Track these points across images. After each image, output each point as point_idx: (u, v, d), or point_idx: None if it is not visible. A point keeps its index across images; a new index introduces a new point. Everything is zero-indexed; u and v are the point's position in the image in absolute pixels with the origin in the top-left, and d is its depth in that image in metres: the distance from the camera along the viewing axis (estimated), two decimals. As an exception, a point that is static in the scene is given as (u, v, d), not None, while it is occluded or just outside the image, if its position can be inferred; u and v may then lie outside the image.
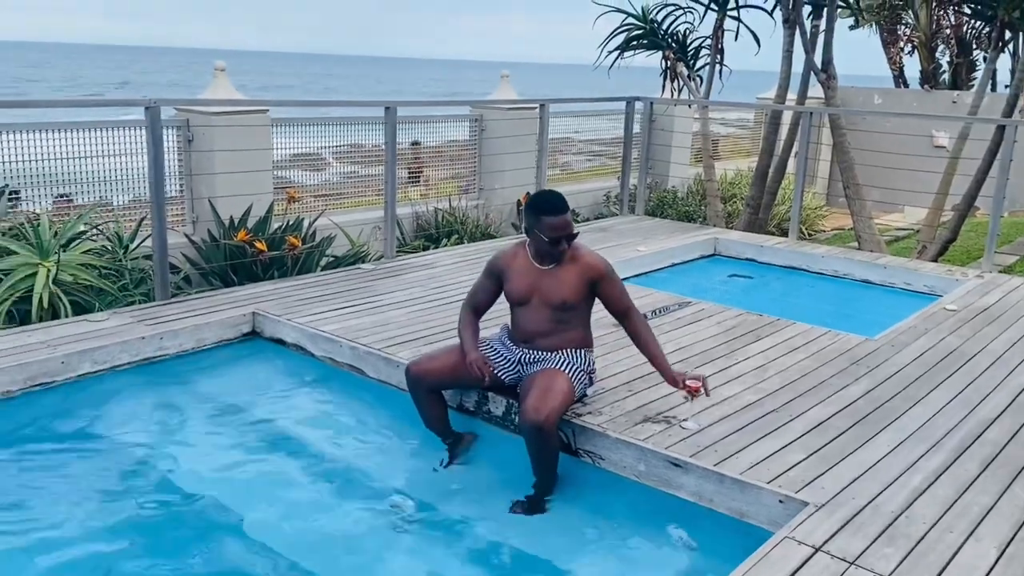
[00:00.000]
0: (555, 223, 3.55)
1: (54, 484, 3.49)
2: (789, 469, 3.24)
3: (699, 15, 8.69)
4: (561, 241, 3.57)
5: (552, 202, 3.60)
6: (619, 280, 3.73)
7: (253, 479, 3.64)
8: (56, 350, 4.17)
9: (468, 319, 3.80)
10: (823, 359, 4.51)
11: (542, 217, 3.56)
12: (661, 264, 6.94)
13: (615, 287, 3.68)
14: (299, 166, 7.83)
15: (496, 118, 8.69)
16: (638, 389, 3.97)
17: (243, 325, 4.87)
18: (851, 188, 8.12)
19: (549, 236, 3.55)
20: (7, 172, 5.66)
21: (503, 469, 3.66)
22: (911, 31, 15.23)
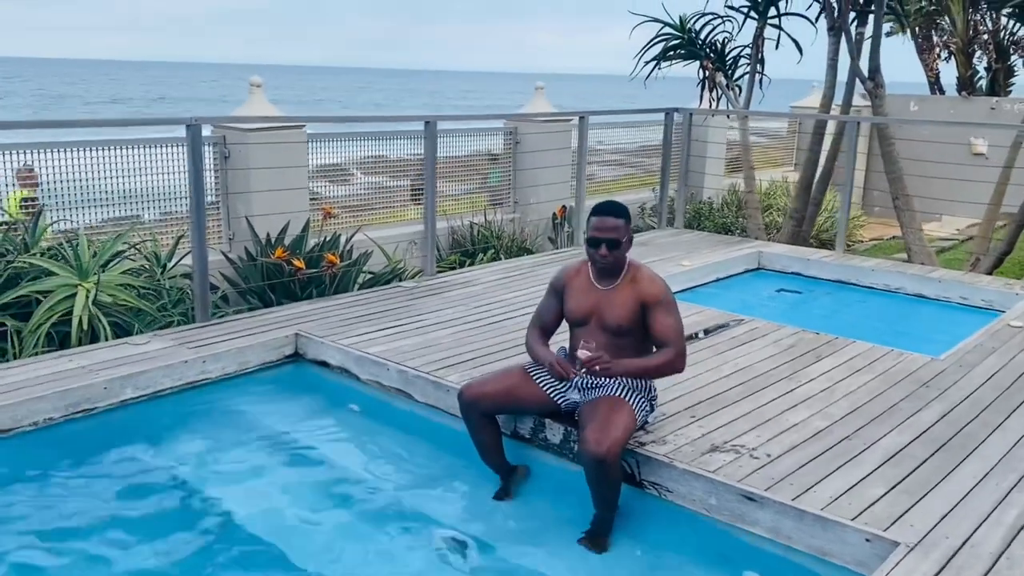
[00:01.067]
0: (597, 224, 3.45)
1: (97, 513, 3.37)
2: (873, 504, 3.05)
3: (738, 24, 8.52)
4: (600, 244, 3.41)
5: (601, 205, 3.51)
6: (675, 312, 3.48)
7: (298, 510, 3.50)
8: (98, 375, 4.07)
9: (536, 336, 3.66)
10: (890, 381, 4.31)
11: (591, 219, 3.49)
12: (706, 279, 6.76)
13: (665, 316, 3.44)
14: (334, 181, 7.72)
15: (531, 131, 8.55)
16: (701, 415, 3.79)
17: (286, 347, 4.75)
18: (901, 199, 7.89)
19: (589, 236, 3.44)
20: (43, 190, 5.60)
21: (561, 502, 3.50)
22: (947, 37, 14.94)
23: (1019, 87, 15.26)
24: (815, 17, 8.22)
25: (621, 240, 3.43)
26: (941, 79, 15.69)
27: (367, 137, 7.48)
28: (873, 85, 8.00)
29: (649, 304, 3.43)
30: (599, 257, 3.45)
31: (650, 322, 3.45)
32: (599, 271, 3.51)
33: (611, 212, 3.46)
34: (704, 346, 4.77)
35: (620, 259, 3.48)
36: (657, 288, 3.47)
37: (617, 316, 3.44)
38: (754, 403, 3.96)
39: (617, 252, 3.44)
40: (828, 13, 8.05)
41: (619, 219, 3.44)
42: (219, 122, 6.45)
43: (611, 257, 3.43)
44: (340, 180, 7.74)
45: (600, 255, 3.44)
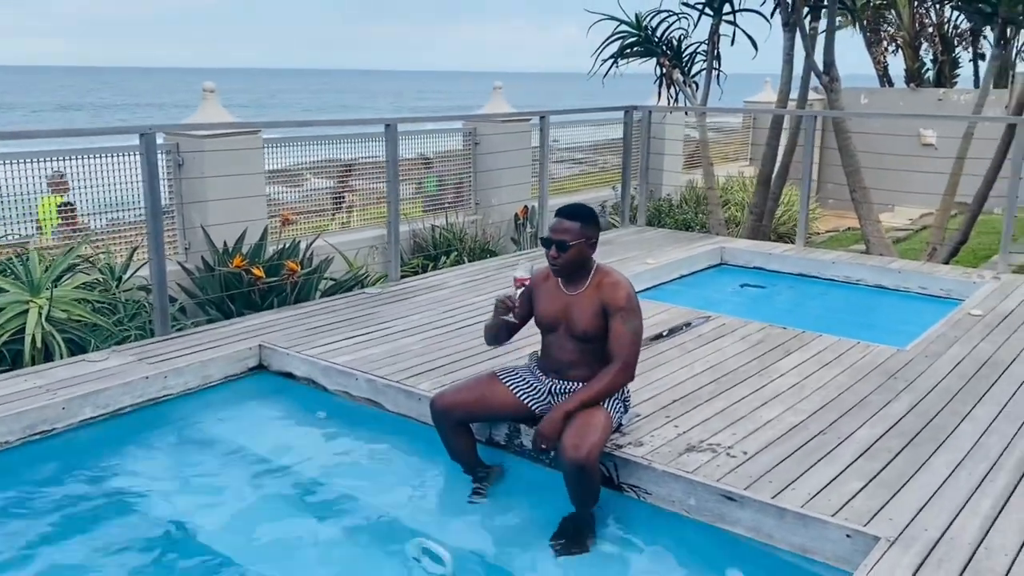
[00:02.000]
0: (551, 224, 3.46)
1: (60, 538, 3.24)
2: (851, 499, 3.06)
3: (694, 21, 8.56)
4: (550, 244, 3.38)
5: (562, 207, 3.49)
6: (632, 320, 3.36)
7: (268, 525, 3.41)
8: (55, 395, 3.92)
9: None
10: (859, 373, 4.34)
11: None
12: (670, 276, 6.77)
13: (620, 324, 3.33)
14: (296, 186, 7.58)
15: (491, 132, 8.50)
16: (675, 415, 3.78)
17: (249, 359, 4.63)
18: (858, 191, 8.00)
19: (542, 237, 3.44)
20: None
21: (538, 505, 3.45)
22: (895, 30, 15.25)
23: (964, 78, 15.62)
24: (769, 13, 8.30)
25: (568, 243, 3.36)
26: (890, 71, 16.00)
27: (326, 141, 7.36)
28: (828, 79, 8.10)
29: (610, 310, 3.36)
30: (548, 258, 3.42)
31: (609, 328, 3.37)
32: (556, 273, 3.46)
33: (567, 214, 3.43)
34: (674, 344, 4.77)
35: (568, 262, 3.38)
36: (620, 294, 3.37)
37: (583, 323, 3.39)
38: (727, 400, 3.96)
39: (565, 255, 3.37)
40: (782, 9, 8.13)
41: (573, 222, 3.39)
42: (173, 130, 6.29)
43: (560, 259, 3.38)
44: (297, 184, 7.61)
45: (550, 256, 3.41)
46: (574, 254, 3.37)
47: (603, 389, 3.29)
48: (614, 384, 3.31)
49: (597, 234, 3.49)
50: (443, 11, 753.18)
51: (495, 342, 3.74)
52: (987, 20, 7.92)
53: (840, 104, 8.35)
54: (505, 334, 3.67)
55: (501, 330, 3.63)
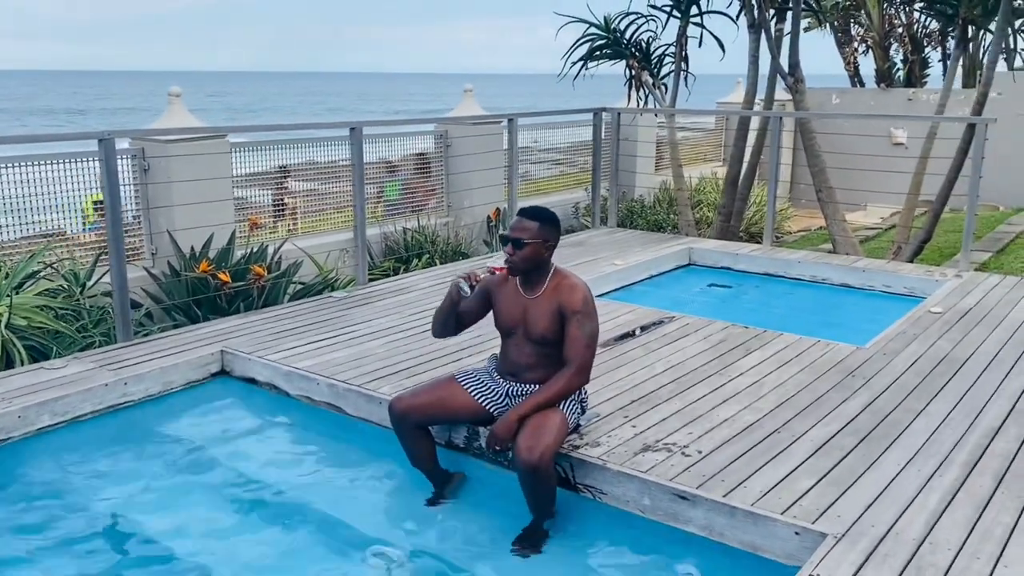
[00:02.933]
0: (511, 222, 3.48)
1: (16, 549, 3.22)
2: (801, 497, 3.10)
3: (662, 23, 8.62)
4: (507, 241, 3.41)
5: (523, 208, 3.53)
6: (587, 324, 3.36)
7: (229, 531, 3.41)
8: (12, 403, 3.89)
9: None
10: (817, 372, 4.39)
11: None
12: (638, 277, 6.81)
13: (576, 328, 3.34)
14: (258, 187, 7.56)
15: (462, 134, 8.51)
16: (633, 415, 3.81)
17: (211, 365, 4.62)
18: (824, 191, 8.08)
19: (501, 234, 3.44)
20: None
21: (496, 508, 3.47)
22: (864, 31, 15.39)
23: (934, 78, 15.77)
24: (735, 15, 8.37)
25: (524, 240, 3.38)
26: (860, 71, 16.15)
27: (290, 145, 7.35)
28: (793, 80, 8.17)
29: (566, 313, 3.37)
30: (505, 254, 3.44)
31: (565, 331, 3.38)
32: (512, 271, 3.46)
33: (527, 214, 3.46)
34: (636, 344, 4.80)
35: (524, 259, 3.39)
36: (576, 297, 3.38)
37: (540, 327, 3.40)
38: (685, 400, 4.00)
39: (521, 252, 3.38)
40: (748, 11, 8.19)
41: (532, 221, 3.41)
42: (136, 135, 6.26)
43: (516, 256, 3.40)
44: (265, 187, 7.58)
45: (506, 251, 3.43)
46: (530, 252, 3.39)
47: (557, 392, 3.31)
48: (568, 387, 3.33)
49: (556, 237, 3.50)
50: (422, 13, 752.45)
51: (443, 331, 3.68)
52: (949, 21, 8.02)
53: (805, 105, 8.43)
54: (453, 325, 3.63)
55: (450, 318, 3.59)
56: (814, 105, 12.70)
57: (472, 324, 3.68)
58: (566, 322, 3.37)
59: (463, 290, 3.46)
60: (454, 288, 3.49)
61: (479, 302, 3.60)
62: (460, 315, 3.61)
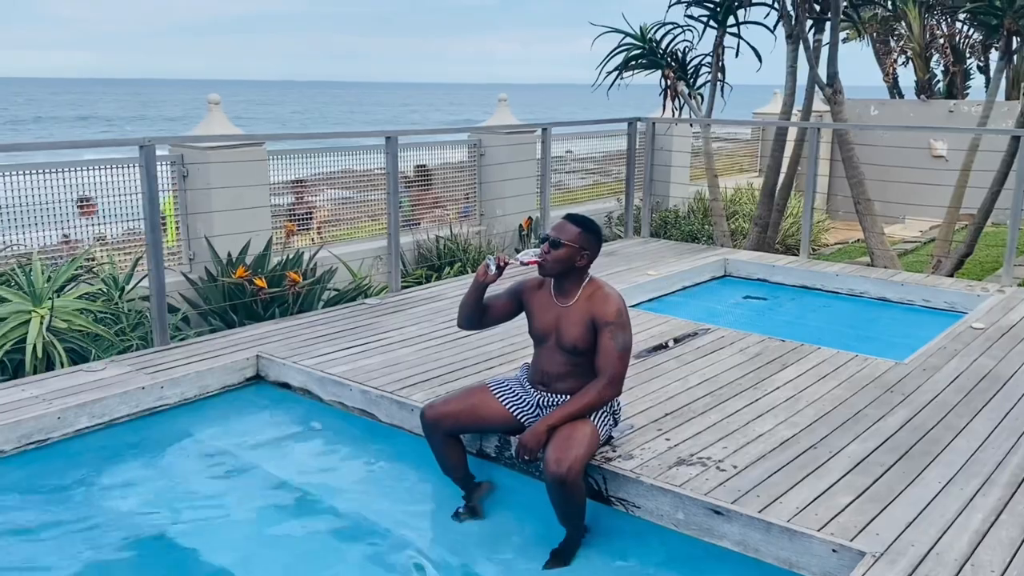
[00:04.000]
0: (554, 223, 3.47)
1: (51, 548, 3.27)
2: (839, 513, 3.04)
3: (698, 33, 8.57)
4: (545, 239, 3.41)
5: (572, 213, 3.51)
6: (621, 335, 3.32)
7: (260, 535, 3.43)
8: (52, 405, 3.96)
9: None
10: (855, 387, 4.32)
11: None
12: (672, 288, 6.77)
13: (608, 339, 3.30)
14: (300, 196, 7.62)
15: (495, 143, 8.53)
16: (667, 428, 3.77)
17: (247, 369, 4.66)
18: (862, 203, 7.97)
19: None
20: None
21: (527, 518, 3.46)
22: (904, 42, 15.19)
23: (976, 90, 15.53)
24: (773, 25, 8.30)
25: (561, 241, 3.37)
26: (900, 83, 15.94)
27: (328, 153, 7.41)
28: (832, 91, 8.08)
29: (598, 323, 3.34)
30: (540, 252, 3.42)
31: (598, 342, 3.35)
32: (543, 272, 3.44)
33: (571, 219, 3.45)
34: (671, 356, 4.76)
35: (557, 261, 3.37)
36: (609, 308, 3.35)
37: (572, 336, 3.37)
38: (720, 414, 3.95)
39: (555, 252, 3.37)
40: (785, 21, 8.12)
41: (575, 226, 3.40)
42: (175, 142, 6.35)
43: (549, 256, 3.38)
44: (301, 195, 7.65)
45: (541, 249, 3.42)
46: (563, 254, 3.37)
47: (588, 403, 3.28)
48: (600, 399, 3.30)
49: (594, 248, 3.46)
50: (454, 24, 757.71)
51: (467, 322, 3.65)
52: (992, 31, 7.88)
53: (844, 116, 8.33)
54: (479, 316, 3.60)
55: (476, 306, 3.57)
56: (852, 117, 12.56)
57: (498, 323, 3.65)
58: (599, 332, 3.35)
59: (490, 268, 3.44)
60: (481, 267, 3.48)
61: (509, 301, 3.59)
62: (487, 309, 3.58)
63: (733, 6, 8.32)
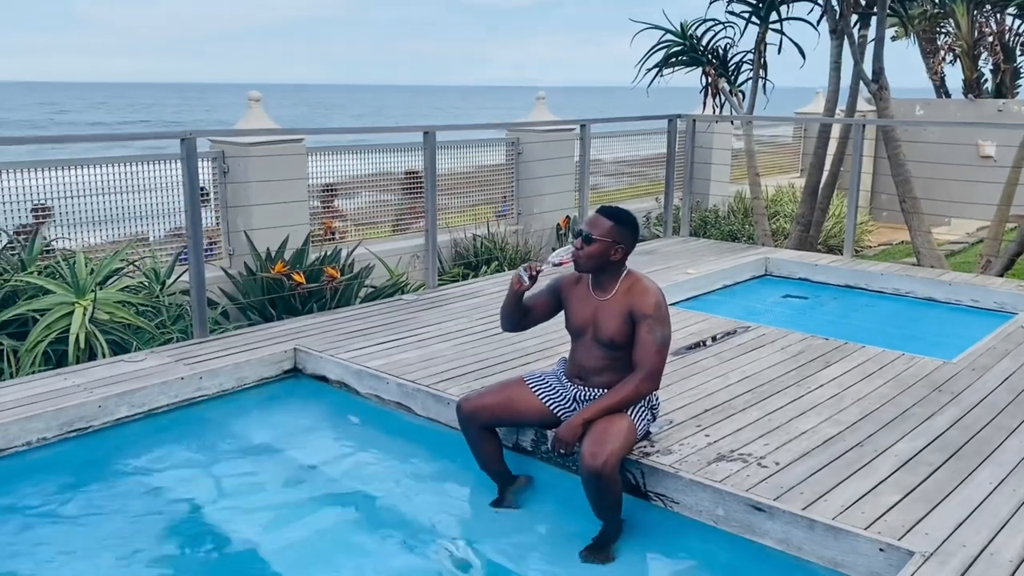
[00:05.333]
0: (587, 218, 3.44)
1: (90, 534, 3.30)
2: (886, 512, 2.95)
3: (740, 29, 8.46)
4: (578, 233, 3.36)
5: (605, 205, 3.48)
6: (659, 329, 3.26)
7: (295, 525, 3.42)
8: (93, 393, 4.00)
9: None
10: (902, 385, 4.20)
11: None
12: (712, 286, 6.67)
13: (646, 333, 3.24)
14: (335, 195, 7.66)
15: (533, 140, 8.49)
16: (707, 424, 3.70)
17: (284, 362, 4.67)
18: (908, 202, 7.80)
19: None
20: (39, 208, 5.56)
21: (563, 513, 3.41)
22: (952, 39, 14.85)
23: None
24: (816, 21, 8.16)
25: (593, 236, 3.32)
26: (947, 82, 15.58)
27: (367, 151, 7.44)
28: (877, 87, 7.92)
29: (636, 317, 3.29)
30: (573, 247, 3.38)
31: (635, 335, 3.29)
32: (577, 267, 3.41)
33: (604, 211, 3.40)
34: (710, 353, 4.68)
35: (590, 256, 3.33)
36: (648, 301, 3.29)
37: (610, 329, 3.32)
38: (762, 411, 3.86)
39: (588, 248, 3.32)
40: (830, 16, 7.98)
41: (607, 220, 3.35)
42: (215, 136, 6.41)
43: (583, 252, 3.34)
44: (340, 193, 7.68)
45: (574, 244, 3.38)
46: (597, 250, 3.32)
47: (625, 397, 3.23)
48: (637, 393, 3.24)
49: (629, 241, 3.41)
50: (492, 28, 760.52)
51: (508, 324, 3.63)
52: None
53: (889, 113, 8.15)
54: (519, 317, 3.57)
55: (514, 311, 3.54)
56: (898, 116, 12.32)
57: (540, 321, 3.62)
58: (637, 326, 3.29)
59: (523, 280, 3.41)
60: (515, 278, 3.45)
61: (549, 299, 3.55)
62: (528, 310, 3.56)
63: (776, 2, 8.19)
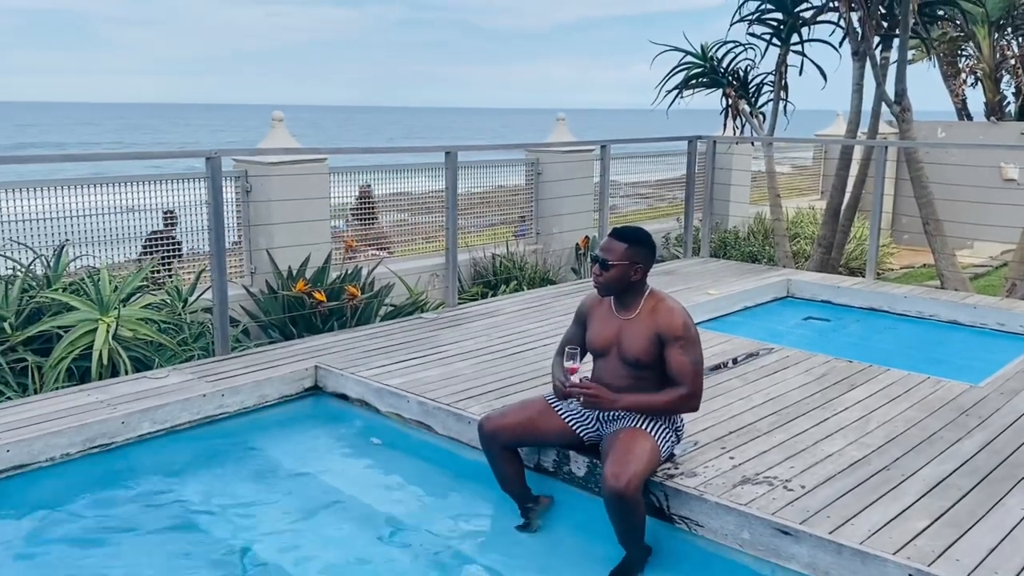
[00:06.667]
0: (602, 242, 3.42)
1: (111, 549, 3.30)
2: (915, 537, 2.90)
3: (760, 51, 8.46)
4: (595, 260, 3.35)
5: (617, 228, 3.46)
6: (693, 349, 3.29)
7: (315, 543, 3.41)
8: (116, 410, 4.01)
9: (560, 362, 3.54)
10: (928, 409, 4.15)
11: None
12: (733, 308, 6.63)
13: (680, 354, 3.26)
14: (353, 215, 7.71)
15: (553, 161, 8.51)
16: (732, 446, 3.66)
17: (305, 380, 4.68)
18: (931, 224, 7.73)
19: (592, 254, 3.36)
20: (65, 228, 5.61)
21: (586, 535, 3.37)
22: (974, 62, 14.79)
23: (1051, 111, 15.00)
24: (838, 43, 8.15)
25: (610, 262, 3.31)
26: (968, 105, 15.50)
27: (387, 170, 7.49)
28: (900, 108, 7.88)
29: (666, 338, 3.28)
30: (592, 275, 3.40)
31: (666, 358, 3.28)
32: (600, 291, 3.42)
33: (616, 234, 3.40)
34: (734, 375, 4.64)
35: (610, 281, 3.33)
36: (675, 321, 3.29)
37: (635, 349, 3.31)
38: (786, 433, 3.82)
39: (607, 274, 3.32)
40: (852, 38, 7.96)
41: (620, 243, 3.34)
42: (239, 155, 6.47)
43: (602, 278, 3.34)
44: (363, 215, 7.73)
45: (592, 272, 3.40)
46: (616, 274, 3.32)
47: (665, 402, 3.25)
48: (678, 405, 3.26)
49: (647, 259, 3.39)
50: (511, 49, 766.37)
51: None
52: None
53: (912, 135, 8.11)
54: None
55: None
56: (919, 138, 12.25)
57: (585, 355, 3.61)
58: (666, 347, 3.28)
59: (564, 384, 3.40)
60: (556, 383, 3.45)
61: (580, 328, 3.55)
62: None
63: (797, 24, 8.19)
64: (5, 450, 3.63)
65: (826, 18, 8.22)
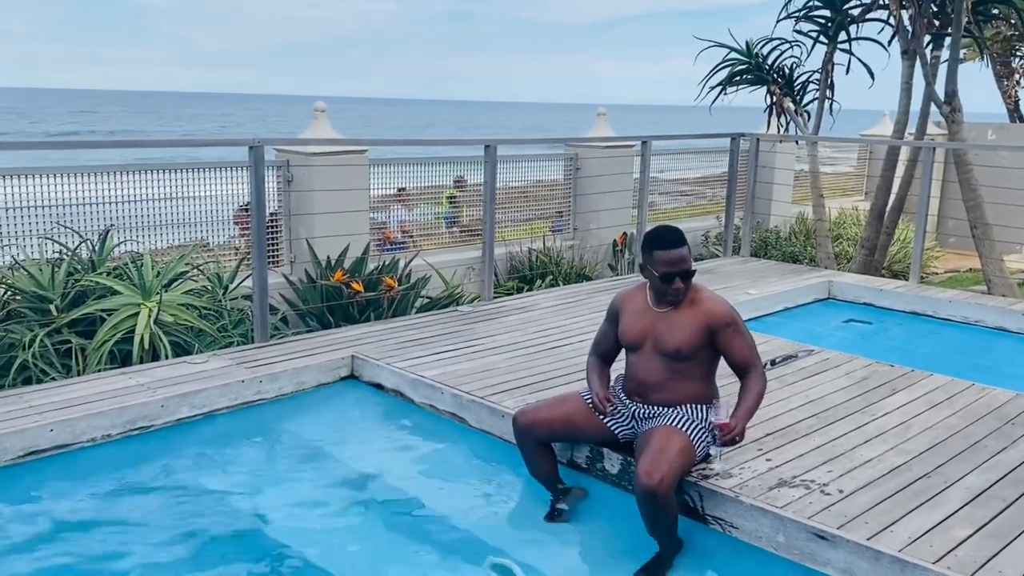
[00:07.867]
0: (667, 258, 3.27)
1: (149, 530, 3.35)
2: (956, 547, 2.83)
3: (807, 49, 8.33)
4: (674, 278, 3.25)
5: (664, 236, 3.33)
6: (747, 332, 3.37)
7: (349, 531, 3.44)
8: (156, 393, 4.08)
9: (595, 364, 3.56)
10: (971, 416, 4.05)
11: (654, 252, 3.30)
12: (773, 308, 6.54)
13: (739, 339, 3.32)
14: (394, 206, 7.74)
15: (592, 156, 8.47)
16: (769, 448, 3.61)
17: (341, 368, 4.71)
18: (979, 228, 7.56)
19: (661, 272, 3.27)
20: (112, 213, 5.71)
21: (618, 532, 3.35)
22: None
23: (1106, 114, 14.59)
24: (887, 41, 7.99)
25: (693, 269, 3.31)
26: (1021, 107, 15.13)
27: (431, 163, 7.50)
28: (950, 109, 7.71)
29: (718, 327, 3.27)
30: (673, 291, 3.28)
31: (724, 346, 3.29)
32: (668, 301, 3.35)
33: (678, 243, 3.30)
34: (773, 377, 4.56)
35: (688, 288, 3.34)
36: (723, 308, 3.32)
37: (676, 340, 3.28)
38: (825, 436, 3.76)
39: (690, 281, 3.31)
40: (902, 36, 7.80)
41: (685, 246, 3.31)
42: (282, 144, 6.52)
43: (685, 288, 3.30)
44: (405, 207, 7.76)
45: (674, 288, 3.28)
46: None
47: (760, 392, 3.30)
48: (763, 387, 3.31)
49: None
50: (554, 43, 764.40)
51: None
52: None
53: (962, 136, 7.93)
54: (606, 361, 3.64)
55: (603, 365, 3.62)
56: (969, 139, 11.97)
57: (618, 353, 3.61)
58: (720, 335, 3.29)
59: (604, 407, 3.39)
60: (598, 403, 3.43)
61: (615, 333, 3.52)
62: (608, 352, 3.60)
63: (845, 21, 8.05)
64: (49, 430, 3.71)
65: (875, 16, 8.07)
